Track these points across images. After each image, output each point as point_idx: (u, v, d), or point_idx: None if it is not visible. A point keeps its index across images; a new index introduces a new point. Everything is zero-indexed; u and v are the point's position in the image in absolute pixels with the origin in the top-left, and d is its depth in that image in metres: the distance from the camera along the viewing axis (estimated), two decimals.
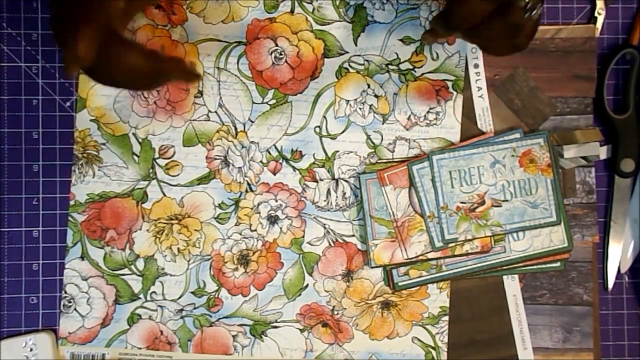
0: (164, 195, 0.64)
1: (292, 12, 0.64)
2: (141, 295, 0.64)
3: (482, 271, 0.64)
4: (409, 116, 0.65)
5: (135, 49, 0.50)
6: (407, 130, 0.65)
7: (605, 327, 0.66)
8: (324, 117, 0.65)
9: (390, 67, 0.65)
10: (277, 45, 0.64)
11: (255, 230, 0.64)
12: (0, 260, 0.64)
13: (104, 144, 0.64)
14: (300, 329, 0.64)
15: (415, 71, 0.65)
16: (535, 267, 0.64)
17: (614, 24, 0.66)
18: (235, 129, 0.64)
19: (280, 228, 0.64)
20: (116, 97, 0.64)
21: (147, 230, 0.64)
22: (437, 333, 0.64)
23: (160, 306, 0.64)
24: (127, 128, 0.64)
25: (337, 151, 0.65)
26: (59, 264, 0.64)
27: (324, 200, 0.64)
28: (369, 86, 0.65)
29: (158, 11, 0.64)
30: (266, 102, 0.65)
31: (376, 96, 0.65)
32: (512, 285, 0.64)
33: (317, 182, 0.64)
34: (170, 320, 0.64)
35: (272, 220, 0.64)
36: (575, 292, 0.65)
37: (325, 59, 0.65)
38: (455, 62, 0.65)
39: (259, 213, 0.64)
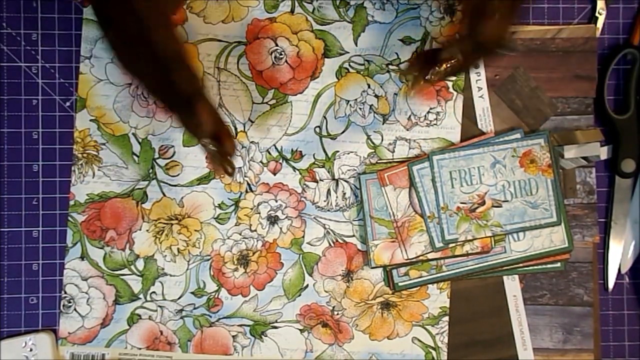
0: (164, 195, 0.64)
1: (292, 12, 0.64)
2: (141, 296, 0.64)
3: (482, 271, 0.63)
4: (409, 116, 0.65)
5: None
6: (407, 130, 0.65)
7: (606, 328, 0.66)
8: (324, 117, 0.65)
9: (390, 67, 0.65)
10: (277, 45, 0.64)
11: (255, 230, 0.64)
12: (0, 260, 0.64)
13: (103, 144, 0.64)
14: (300, 329, 0.64)
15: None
16: (535, 267, 0.64)
17: (615, 24, 0.66)
18: (235, 129, 0.64)
19: (280, 228, 0.64)
20: (116, 97, 0.64)
21: (147, 230, 0.64)
22: (437, 333, 0.64)
23: (160, 306, 0.64)
24: (127, 128, 0.64)
25: (337, 151, 0.64)
26: (58, 264, 0.64)
27: (324, 201, 0.64)
28: (369, 86, 0.65)
29: None
30: (266, 102, 0.64)
31: (376, 96, 0.65)
32: (512, 286, 0.64)
33: (317, 182, 0.64)
34: (170, 320, 0.64)
35: (272, 220, 0.64)
36: (575, 293, 0.65)
37: (325, 59, 0.64)
38: None
39: (259, 213, 0.64)
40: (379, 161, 0.65)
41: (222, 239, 0.64)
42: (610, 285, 0.66)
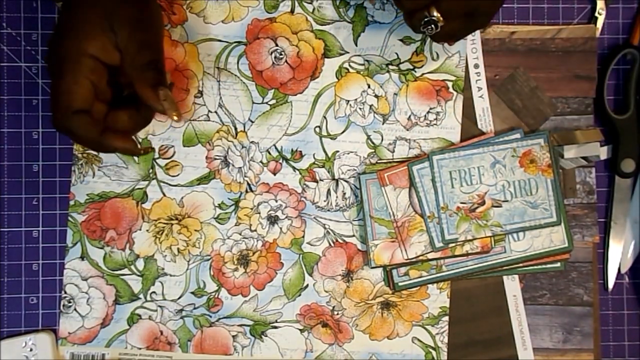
0: (164, 195, 0.64)
1: (292, 12, 0.64)
2: (141, 296, 0.64)
3: (482, 271, 0.64)
4: (409, 116, 0.65)
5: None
6: (407, 130, 0.65)
7: (606, 328, 0.66)
8: (324, 117, 0.65)
9: (390, 67, 0.65)
10: (277, 45, 0.64)
11: (255, 230, 0.64)
12: (0, 260, 0.64)
13: None
14: (300, 329, 0.64)
15: (415, 71, 0.65)
16: (535, 267, 0.64)
17: (615, 24, 0.66)
18: (235, 129, 0.64)
19: (280, 228, 0.64)
20: None
21: (147, 230, 0.64)
22: (437, 333, 0.64)
23: (160, 306, 0.64)
24: None
25: (337, 151, 0.64)
26: (58, 264, 0.64)
27: (324, 201, 0.64)
28: (369, 86, 0.65)
29: None
30: (266, 102, 0.64)
31: (376, 96, 0.65)
32: (512, 286, 0.64)
33: (317, 182, 0.64)
34: (170, 320, 0.64)
35: (272, 220, 0.64)
36: (575, 293, 0.65)
37: (325, 59, 0.65)
38: (456, 62, 0.65)
39: (259, 213, 0.64)
40: (379, 161, 0.65)
41: (222, 239, 0.64)
42: (610, 285, 0.66)
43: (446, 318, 0.64)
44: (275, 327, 0.64)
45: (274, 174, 0.64)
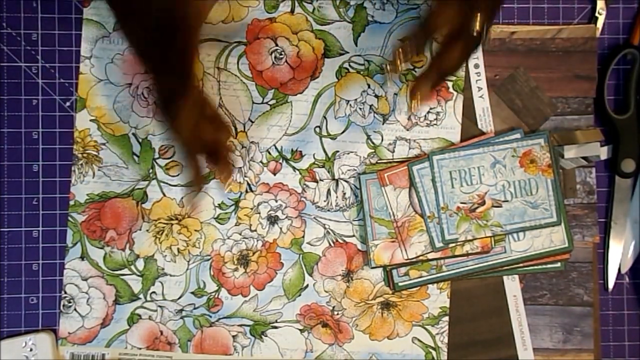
0: (164, 195, 0.64)
1: (292, 12, 0.64)
2: (141, 296, 0.64)
3: (482, 271, 0.63)
4: (409, 116, 0.65)
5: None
6: (407, 130, 0.65)
7: (606, 328, 0.66)
8: (324, 117, 0.65)
9: (389, 67, 0.64)
10: (277, 45, 0.64)
11: (255, 230, 0.64)
12: (0, 260, 0.64)
13: (104, 144, 0.64)
14: (300, 329, 0.64)
15: (415, 71, 0.65)
16: (535, 267, 0.64)
17: (615, 24, 0.66)
18: (235, 129, 0.64)
19: (280, 228, 0.64)
20: (116, 97, 0.64)
21: (147, 230, 0.64)
22: (437, 333, 0.64)
23: (160, 306, 0.64)
24: (127, 128, 0.64)
25: (337, 151, 0.64)
26: (58, 264, 0.64)
27: (324, 201, 0.64)
28: (369, 86, 0.65)
29: None
30: (266, 102, 0.64)
31: (376, 96, 0.65)
32: (512, 286, 0.64)
33: (317, 182, 0.64)
34: (170, 320, 0.64)
35: (272, 220, 0.64)
36: (575, 293, 0.65)
37: (325, 59, 0.64)
38: None
39: (259, 213, 0.64)
40: (379, 161, 0.65)
41: (222, 239, 0.64)
42: (610, 285, 0.66)
43: (446, 318, 0.64)
44: (275, 327, 0.64)
45: (274, 174, 0.64)
